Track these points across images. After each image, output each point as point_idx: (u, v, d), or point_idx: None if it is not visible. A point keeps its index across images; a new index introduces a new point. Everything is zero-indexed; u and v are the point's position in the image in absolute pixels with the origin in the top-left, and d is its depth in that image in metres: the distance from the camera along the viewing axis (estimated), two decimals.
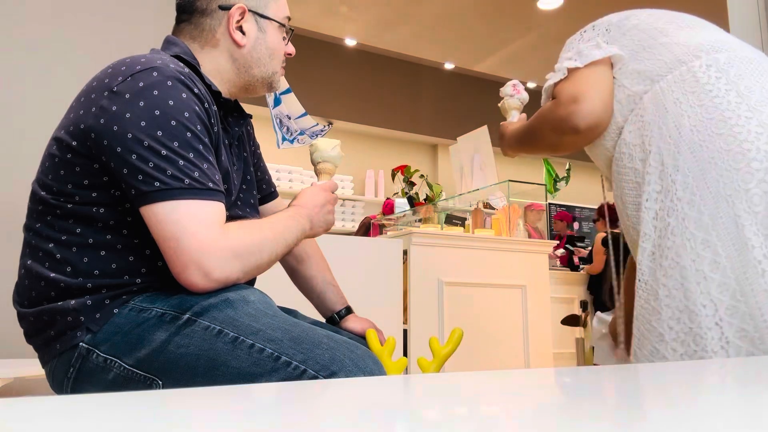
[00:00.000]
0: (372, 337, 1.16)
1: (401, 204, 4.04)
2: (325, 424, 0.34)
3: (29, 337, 0.97)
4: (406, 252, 2.65)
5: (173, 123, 0.88)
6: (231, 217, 0.95)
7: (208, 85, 1.01)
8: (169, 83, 0.90)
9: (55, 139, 0.95)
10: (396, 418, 0.38)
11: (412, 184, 4.22)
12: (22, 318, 0.96)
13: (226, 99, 1.06)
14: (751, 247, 0.91)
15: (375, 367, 0.92)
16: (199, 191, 0.87)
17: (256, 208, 1.17)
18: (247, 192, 1.14)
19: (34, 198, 0.96)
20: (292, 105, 2.36)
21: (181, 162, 0.87)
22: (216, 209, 0.89)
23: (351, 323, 1.24)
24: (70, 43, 2.10)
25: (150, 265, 0.93)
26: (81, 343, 0.90)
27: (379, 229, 3.79)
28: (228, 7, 1.05)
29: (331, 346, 0.88)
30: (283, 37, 1.12)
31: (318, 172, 1.21)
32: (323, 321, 1.26)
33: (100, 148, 0.88)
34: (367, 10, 5.31)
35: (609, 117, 1.11)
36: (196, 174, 0.88)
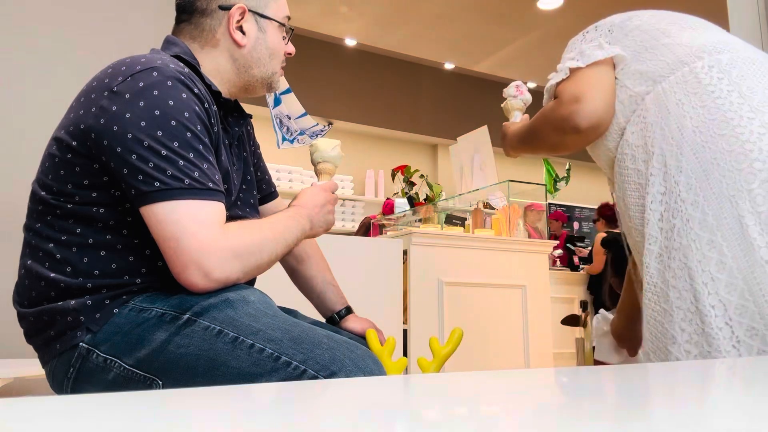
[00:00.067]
0: (372, 337, 1.16)
1: (401, 204, 4.04)
2: (325, 424, 0.34)
3: (29, 337, 0.97)
4: (406, 252, 2.65)
5: (173, 123, 0.88)
6: (231, 217, 0.95)
7: (208, 85, 1.01)
8: (169, 83, 0.90)
9: (55, 139, 0.95)
10: (396, 418, 0.38)
11: (412, 184, 4.21)
12: (22, 318, 0.96)
13: (226, 99, 1.06)
14: (757, 247, 0.91)
15: (375, 367, 0.92)
16: (199, 191, 0.87)
17: (256, 208, 1.17)
18: (247, 192, 1.14)
19: (34, 198, 0.96)
20: (292, 105, 2.36)
21: (181, 162, 0.87)
22: (216, 209, 0.89)
23: (351, 323, 1.24)
24: (70, 43, 2.10)
25: (150, 265, 0.93)
26: (81, 343, 0.90)
27: (379, 229, 3.79)
28: (228, 7, 1.05)
29: (331, 346, 0.89)
30: (282, 37, 1.13)
31: (318, 172, 1.21)
32: (323, 321, 1.26)
33: (100, 148, 0.88)
34: (367, 10, 5.31)
35: (610, 117, 1.11)
36: (196, 174, 0.88)
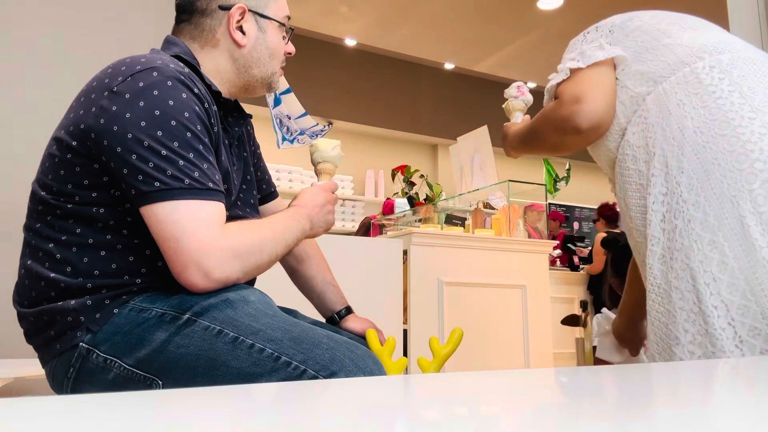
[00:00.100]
0: (372, 337, 1.16)
1: (401, 204, 4.03)
2: (325, 424, 0.34)
3: (29, 337, 0.97)
4: (406, 252, 2.65)
5: (173, 123, 0.88)
6: (231, 217, 0.95)
7: (208, 85, 1.01)
8: (169, 83, 0.90)
9: (55, 139, 0.95)
10: (396, 418, 0.38)
11: (412, 184, 4.21)
12: (22, 318, 0.96)
13: (226, 99, 1.06)
14: (758, 248, 0.91)
15: (375, 367, 0.92)
16: (199, 191, 0.87)
17: (256, 208, 1.17)
18: (247, 192, 1.14)
19: (34, 198, 0.96)
20: (292, 105, 2.36)
21: (181, 162, 0.87)
22: (216, 209, 0.89)
23: (351, 323, 1.24)
24: (70, 43, 2.10)
25: (150, 265, 0.93)
26: (81, 343, 0.90)
27: (379, 229, 3.79)
28: (228, 7, 1.05)
29: (331, 346, 0.88)
30: (282, 37, 1.13)
31: (318, 172, 1.21)
32: (323, 321, 1.26)
33: (100, 148, 0.88)
34: (367, 10, 5.31)
35: (611, 118, 1.11)
36: (196, 174, 0.88)
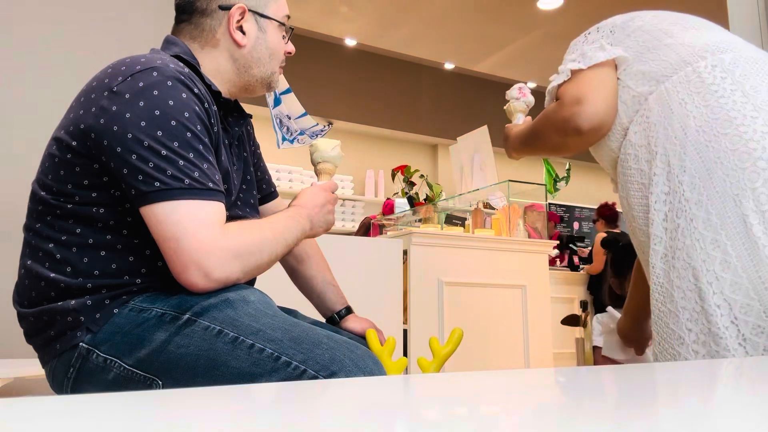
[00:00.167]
0: (372, 337, 1.16)
1: (401, 204, 4.03)
2: (325, 424, 0.34)
3: (29, 337, 0.97)
4: (406, 252, 2.65)
5: (173, 123, 0.88)
6: (231, 217, 0.95)
7: (208, 85, 1.01)
8: (169, 83, 0.90)
9: (55, 139, 0.95)
10: (396, 418, 0.38)
11: (412, 184, 4.21)
12: (22, 318, 0.96)
13: (226, 99, 1.06)
14: (761, 246, 0.91)
15: (375, 367, 0.92)
16: (199, 191, 0.87)
17: (256, 208, 1.17)
18: (247, 192, 1.14)
19: (34, 198, 0.96)
20: (292, 105, 2.36)
21: (181, 162, 0.87)
22: (216, 209, 0.89)
23: (351, 323, 1.24)
24: (70, 43, 2.10)
25: (150, 265, 0.93)
26: (81, 343, 0.90)
27: (379, 229, 3.79)
28: (228, 7, 1.05)
29: (331, 346, 0.88)
30: (282, 36, 1.13)
31: (318, 172, 1.21)
32: (323, 321, 1.26)
33: (100, 148, 0.88)
34: (367, 10, 5.31)
35: (612, 119, 1.11)
36: (196, 174, 0.88)
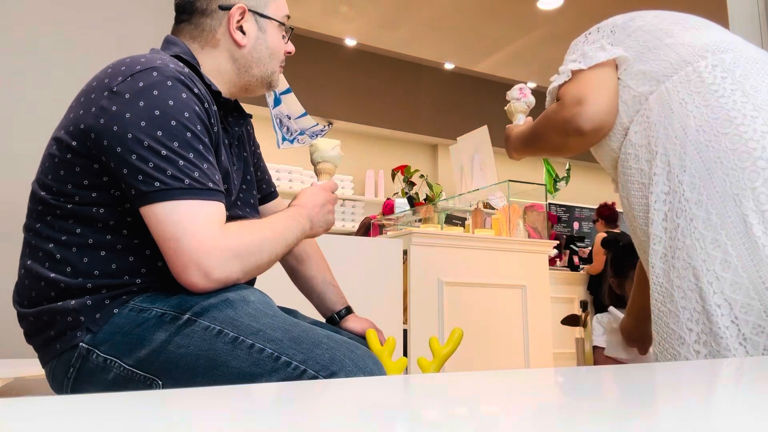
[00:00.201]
0: (372, 337, 1.16)
1: (401, 204, 4.03)
2: (325, 424, 0.34)
3: (29, 337, 0.97)
4: (406, 252, 2.65)
5: (173, 123, 0.88)
6: (231, 217, 0.95)
7: (208, 84, 1.01)
8: (169, 83, 0.90)
9: (55, 139, 0.95)
10: (396, 418, 0.38)
11: (412, 184, 4.20)
12: (22, 318, 0.96)
13: (226, 99, 1.06)
14: (761, 246, 0.91)
15: (375, 367, 0.92)
16: (199, 191, 0.87)
17: (256, 208, 1.17)
18: (247, 192, 1.14)
19: (34, 198, 0.96)
20: (292, 105, 2.36)
21: (181, 162, 0.87)
22: (216, 209, 0.89)
23: (351, 323, 1.25)
24: (70, 43, 2.10)
25: (150, 265, 0.93)
26: (81, 343, 0.90)
27: (379, 229, 3.79)
28: (228, 7, 1.05)
29: (331, 346, 0.88)
30: (282, 36, 1.13)
31: (318, 172, 1.21)
32: (323, 321, 1.26)
33: (100, 148, 0.88)
34: (367, 10, 5.31)
35: (613, 119, 1.11)
36: (196, 174, 0.88)
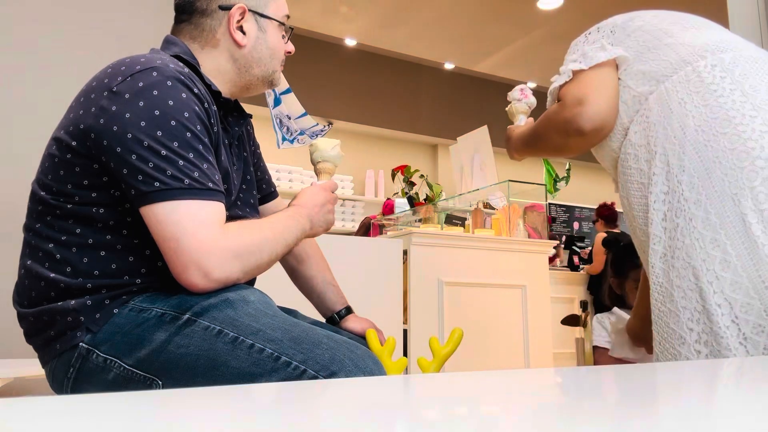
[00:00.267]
0: (372, 337, 1.16)
1: (401, 204, 4.03)
2: (325, 424, 0.34)
3: (29, 337, 0.97)
4: (406, 252, 2.65)
5: (173, 123, 0.88)
6: (231, 217, 0.95)
7: (208, 84, 1.01)
8: (169, 83, 0.90)
9: (55, 139, 0.95)
10: (396, 418, 0.38)
11: (412, 184, 4.21)
12: (22, 318, 0.96)
13: (226, 99, 1.06)
14: (761, 245, 0.91)
15: (375, 367, 0.92)
16: (199, 191, 0.87)
17: (256, 208, 1.17)
18: (247, 192, 1.14)
19: (34, 198, 0.96)
20: (292, 105, 2.36)
21: (181, 162, 0.87)
22: (216, 209, 0.89)
23: (351, 323, 1.24)
24: (70, 43, 2.10)
25: (150, 265, 0.93)
26: (81, 344, 0.90)
27: (379, 229, 3.79)
28: (228, 7, 1.05)
29: (331, 346, 0.88)
30: (282, 36, 1.13)
31: (318, 172, 1.21)
32: (323, 321, 1.26)
33: (100, 148, 0.88)
34: (367, 10, 5.31)
35: (614, 119, 1.11)
36: (196, 174, 0.88)
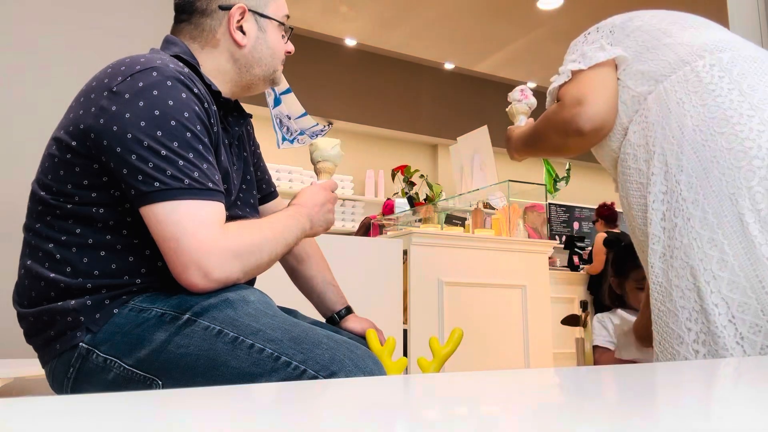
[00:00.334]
0: (372, 337, 1.16)
1: (401, 204, 4.03)
2: (325, 424, 0.34)
3: (29, 337, 0.97)
4: (406, 252, 2.65)
5: (173, 123, 0.88)
6: (231, 217, 0.95)
7: (208, 84, 1.01)
8: (169, 83, 0.90)
9: (55, 139, 0.95)
10: (396, 418, 0.38)
11: (412, 184, 4.20)
12: (22, 318, 0.96)
13: (226, 99, 1.06)
14: (758, 245, 0.91)
15: (375, 367, 0.92)
16: (198, 191, 0.87)
17: (256, 208, 1.17)
18: (247, 192, 1.14)
19: (34, 198, 0.96)
20: (292, 105, 2.36)
21: (181, 162, 0.87)
22: (216, 209, 0.89)
23: (351, 323, 1.24)
24: (70, 43, 2.10)
25: (150, 265, 0.93)
26: (81, 344, 0.90)
27: (379, 229, 3.79)
28: (228, 7, 1.05)
29: (331, 346, 0.88)
30: (282, 36, 1.13)
31: (318, 171, 1.21)
32: (323, 321, 1.26)
33: (100, 148, 0.88)
34: (367, 10, 5.31)
35: (613, 119, 1.11)
36: (196, 174, 0.88)
